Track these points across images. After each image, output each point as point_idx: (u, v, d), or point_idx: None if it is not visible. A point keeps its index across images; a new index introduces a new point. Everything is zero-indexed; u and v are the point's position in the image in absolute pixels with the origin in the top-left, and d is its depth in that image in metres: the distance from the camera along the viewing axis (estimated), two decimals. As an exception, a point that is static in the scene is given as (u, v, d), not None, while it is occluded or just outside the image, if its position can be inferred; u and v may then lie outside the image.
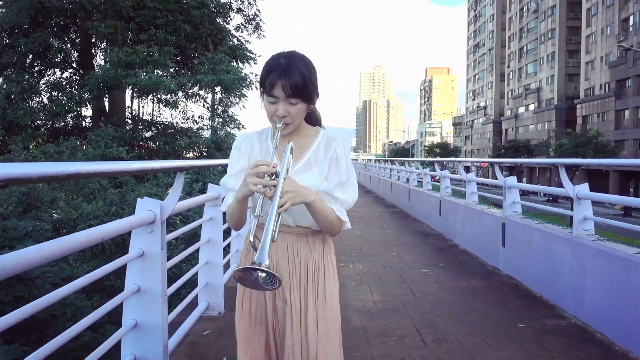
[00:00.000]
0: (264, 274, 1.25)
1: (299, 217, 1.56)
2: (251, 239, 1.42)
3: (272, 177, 1.35)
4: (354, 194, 1.57)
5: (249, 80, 18.62)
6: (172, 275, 5.11)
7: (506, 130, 74.47)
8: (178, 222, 8.12)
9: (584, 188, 4.06)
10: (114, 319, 4.91)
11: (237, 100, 19.03)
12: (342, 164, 1.56)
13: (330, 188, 1.53)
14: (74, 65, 19.41)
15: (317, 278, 1.58)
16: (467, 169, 9.11)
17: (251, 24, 21.27)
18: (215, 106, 19.61)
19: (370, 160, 29.37)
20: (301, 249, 1.58)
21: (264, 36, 21.37)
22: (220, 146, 16.78)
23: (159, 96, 17.35)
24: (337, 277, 1.66)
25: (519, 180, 5.82)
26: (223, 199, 1.66)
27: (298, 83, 1.44)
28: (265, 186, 1.34)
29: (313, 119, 1.67)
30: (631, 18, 44.07)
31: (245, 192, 1.41)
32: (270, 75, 1.46)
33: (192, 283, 3.88)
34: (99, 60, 20.23)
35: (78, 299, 5.24)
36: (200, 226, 3.71)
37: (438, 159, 13.28)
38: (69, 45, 19.41)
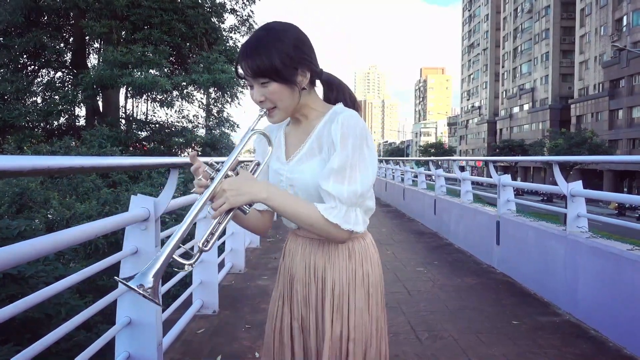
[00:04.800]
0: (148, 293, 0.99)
1: None
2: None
3: (212, 174, 1.15)
4: (354, 185, 1.19)
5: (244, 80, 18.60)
6: (166, 274, 5.10)
7: (501, 130, 74.73)
8: (173, 221, 8.09)
9: (577, 185, 4.08)
10: (107, 318, 4.90)
11: (233, 98, 19.03)
12: (337, 146, 1.20)
13: (320, 180, 1.22)
14: (68, 64, 19.35)
15: (339, 298, 1.28)
16: (462, 168, 9.15)
17: (244, 25, 21.28)
18: (210, 106, 19.61)
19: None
20: (318, 259, 1.31)
21: None
22: (215, 145, 16.79)
23: (153, 96, 17.33)
24: (374, 297, 1.32)
25: (514, 180, 5.85)
26: None
27: (257, 60, 1.20)
28: (201, 187, 1.14)
29: (333, 95, 1.38)
30: (625, 18, 44.31)
31: None
32: (238, 56, 1.27)
33: (187, 283, 3.87)
34: (93, 60, 20.20)
35: (72, 298, 5.21)
36: (195, 225, 3.71)
37: (432, 157, 13.40)
38: (62, 44, 19.36)
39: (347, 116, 1.22)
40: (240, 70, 1.26)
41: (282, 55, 1.21)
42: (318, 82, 1.36)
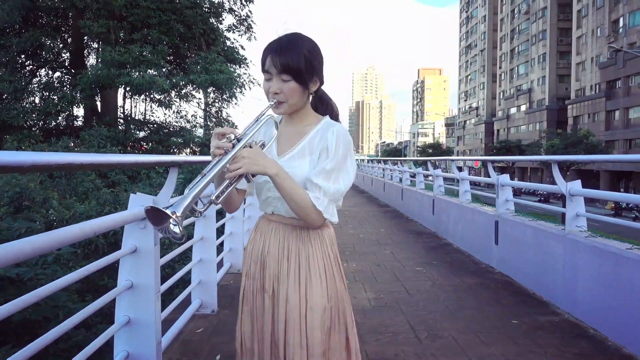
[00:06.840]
0: (172, 226, 1.09)
1: None
2: (213, 197, 1.30)
3: (232, 141, 1.31)
4: (339, 185, 1.44)
5: (242, 80, 18.59)
6: (166, 274, 5.09)
7: (498, 130, 74.76)
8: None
9: (576, 185, 4.09)
10: (107, 319, 4.88)
11: (231, 99, 19.01)
12: (331, 152, 1.45)
13: (310, 174, 1.45)
14: (66, 64, 19.30)
15: (309, 276, 1.48)
16: (460, 169, 9.15)
17: (243, 25, 21.27)
18: (209, 106, 19.59)
19: (362, 160, 29.46)
20: (292, 243, 1.52)
21: (254, 38, 21.37)
22: (213, 145, 16.78)
23: (152, 96, 17.31)
24: (335, 280, 1.53)
25: (511, 180, 5.86)
26: None
27: (289, 58, 1.41)
28: (221, 149, 1.29)
29: (322, 108, 1.60)
30: (621, 19, 44.39)
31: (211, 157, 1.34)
32: (266, 50, 1.47)
33: (186, 283, 3.86)
34: (91, 59, 20.16)
35: (70, 300, 5.19)
36: (193, 224, 3.70)
37: (431, 158, 13.38)
38: (60, 44, 19.31)
39: (340, 129, 1.49)
40: (268, 64, 1.45)
41: (307, 61, 1.45)
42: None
